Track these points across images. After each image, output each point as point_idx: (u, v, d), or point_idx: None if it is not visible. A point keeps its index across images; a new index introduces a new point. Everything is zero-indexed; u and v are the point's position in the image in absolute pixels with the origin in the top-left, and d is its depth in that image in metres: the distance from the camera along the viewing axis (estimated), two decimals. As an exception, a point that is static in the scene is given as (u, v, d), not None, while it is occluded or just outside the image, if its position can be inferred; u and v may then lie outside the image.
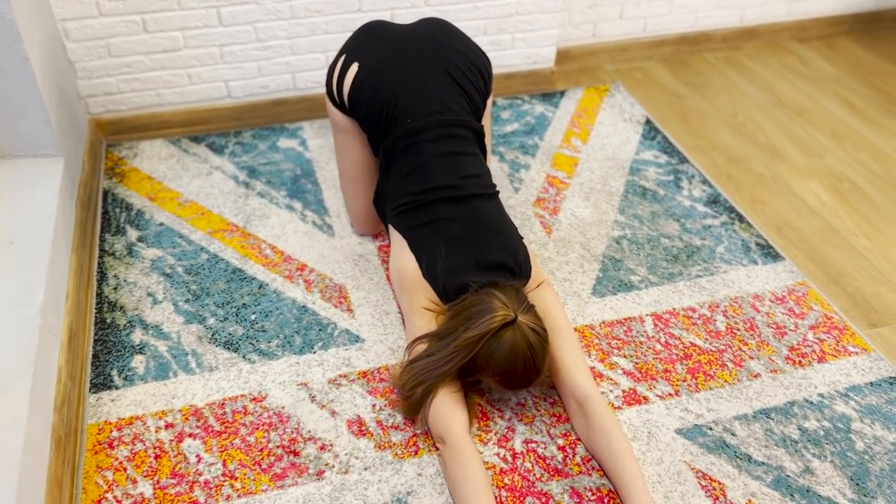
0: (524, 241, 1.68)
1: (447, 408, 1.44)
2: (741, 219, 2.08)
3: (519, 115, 2.49)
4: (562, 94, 2.61)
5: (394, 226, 1.68)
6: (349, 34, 2.31)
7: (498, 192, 1.71)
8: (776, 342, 1.72)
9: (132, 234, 1.97)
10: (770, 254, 1.96)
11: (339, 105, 1.75)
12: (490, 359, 1.42)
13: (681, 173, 2.24)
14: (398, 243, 1.66)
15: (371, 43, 1.72)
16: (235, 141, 2.33)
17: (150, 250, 1.92)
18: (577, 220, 2.06)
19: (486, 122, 1.86)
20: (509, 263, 1.57)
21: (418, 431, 1.51)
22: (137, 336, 1.70)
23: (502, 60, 2.53)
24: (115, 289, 1.81)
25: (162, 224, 2.00)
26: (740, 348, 1.71)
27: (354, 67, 1.69)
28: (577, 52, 2.76)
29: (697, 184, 2.20)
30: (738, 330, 1.75)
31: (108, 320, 1.73)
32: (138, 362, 1.64)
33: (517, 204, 2.11)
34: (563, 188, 2.18)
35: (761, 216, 2.11)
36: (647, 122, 2.48)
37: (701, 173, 2.24)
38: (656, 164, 2.28)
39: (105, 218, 2.02)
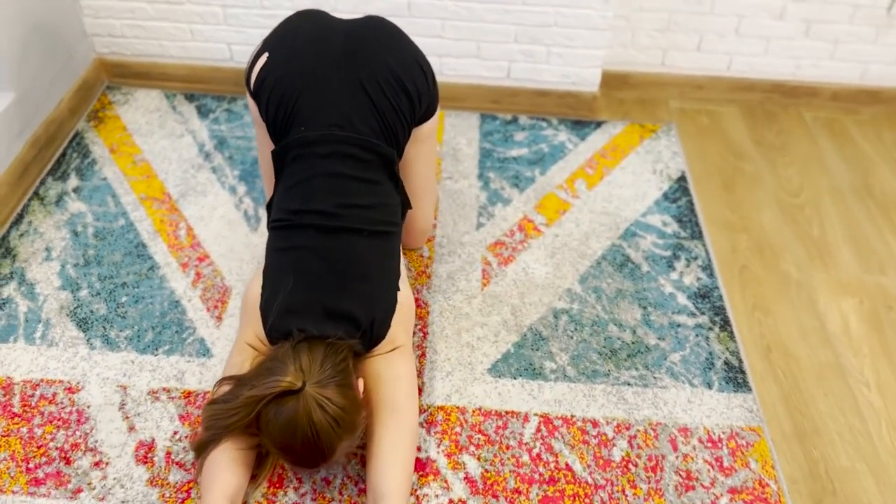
0: (402, 294, 1.44)
1: (217, 467, 1.26)
2: (725, 326, 1.67)
3: (534, 140, 2.18)
4: (598, 125, 2.26)
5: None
6: (359, 15, 2.11)
7: (390, 231, 1.47)
8: (673, 496, 1.36)
9: (72, 182, 1.94)
10: (735, 380, 1.56)
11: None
12: (267, 427, 1.22)
13: (682, 251, 1.85)
14: (261, 263, 1.48)
15: (290, 34, 1.52)
16: (226, 107, 2.23)
17: (76, 203, 1.88)
18: (525, 279, 1.76)
19: (423, 150, 1.60)
20: (359, 317, 1.35)
21: (197, 479, 1.34)
22: (8, 290, 1.66)
23: (534, 74, 2.22)
24: (22, 235, 1.79)
25: (105, 179, 1.95)
26: (624, 490, 1.37)
27: (264, 58, 1.50)
28: (639, 79, 2.38)
29: (696, 268, 1.81)
30: (636, 466, 1.41)
31: (-5, 266, 1.71)
32: (-8, 318, 1.60)
33: (469, 242, 1.84)
34: (534, 236, 1.87)
35: (754, 329, 1.69)
36: (681, 178, 2.08)
37: (708, 256, 1.84)
38: (660, 232, 1.90)
39: (59, 161, 2.00)
